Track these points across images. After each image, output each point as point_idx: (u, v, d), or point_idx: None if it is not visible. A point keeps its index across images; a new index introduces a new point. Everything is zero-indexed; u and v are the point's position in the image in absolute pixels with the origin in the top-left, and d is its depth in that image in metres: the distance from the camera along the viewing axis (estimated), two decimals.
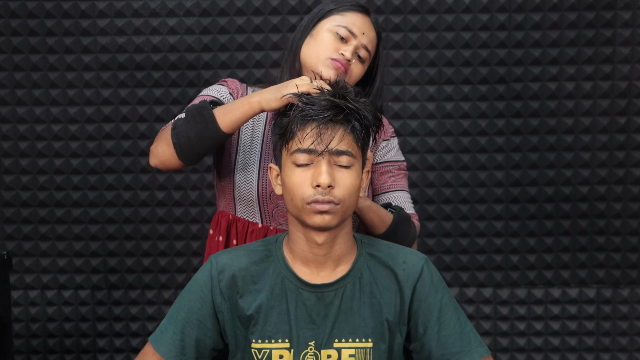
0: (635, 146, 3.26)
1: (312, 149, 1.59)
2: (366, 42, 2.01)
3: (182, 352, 1.69)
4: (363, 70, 2.05)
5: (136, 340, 3.38)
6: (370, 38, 2.03)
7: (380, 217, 1.94)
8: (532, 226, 3.31)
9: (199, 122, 1.82)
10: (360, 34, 2.00)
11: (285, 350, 1.67)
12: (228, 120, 1.81)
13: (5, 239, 3.33)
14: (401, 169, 2.13)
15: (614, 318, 3.34)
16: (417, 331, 1.70)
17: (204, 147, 1.85)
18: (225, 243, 2.05)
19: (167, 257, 3.34)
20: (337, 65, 1.96)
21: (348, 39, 1.99)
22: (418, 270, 1.70)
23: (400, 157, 2.15)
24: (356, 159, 1.64)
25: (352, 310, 1.67)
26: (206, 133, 1.82)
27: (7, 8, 3.22)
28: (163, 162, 1.92)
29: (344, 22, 2.00)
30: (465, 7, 3.22)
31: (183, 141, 1.84)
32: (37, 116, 3.28)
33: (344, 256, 1.71)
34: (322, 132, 1.59)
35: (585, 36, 3.22)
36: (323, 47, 1.99)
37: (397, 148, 2.15)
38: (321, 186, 1.58)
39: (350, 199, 1.63)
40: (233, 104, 1.82)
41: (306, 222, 1.62)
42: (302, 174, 1.61)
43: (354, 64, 2.00)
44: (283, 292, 1.68)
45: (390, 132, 2.14)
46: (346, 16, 2.01)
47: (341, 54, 1.97)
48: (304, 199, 1.60)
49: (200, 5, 3.23)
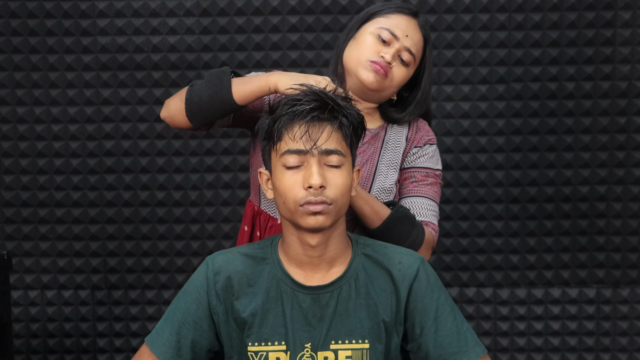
0: (635, 146, 3.26)
1: (301, 149, 1.60)
2: (410, 45, 1.97)
3: (178, 353, 1.69)
4: (407, 74, 2.01)
5: (136, 340, 3.38)
6: (415, 41, 1.99)
7: (373, 209, 1.91)
8: (532, 226, 3.31)
9: (215, 85, 1.86)
10: (404, 36, 1.96)
11: (282, 353, 1.67)
12: (242, 90, 1.84)
13: (5, 239, 3.34)
14: (429, 176, 2.07)
15: (614, 318, 3.34)
16: (413, 332, 1.70)
17: (212, 110, 1.88)
18: (250, 234, 2.06)
19: (167, 257, 3.35)
20: (376, 68, 1.94)
21: (390, 41, 1.96)
22: (414, 270, 1.70)
23: (433, 164, 2.09)
24: (346, 158, 1.64)
25: (348, 311, 1.67)
26: (218, 97, 1.85)
27: (7, 8, 3.22)
28: (172, 117, 1.95)
29: (387, 24, 1.97)
30: (465, 7, 3.22)
31: (195, 99, 1.88)
32: (37, 116, 3.28)
33: (339, 257, 1.71)
34: (310, 130, 1.60)
35: (585, 36, 3.21)
36: (364, 49, 1.97)
37: (430, 155, 2.08)
38: (313, 187, 1.58)
39: (343, 198, 1.63)
40: (252, 77, 1.86)
41: (300, 224, 1.62)
42: (293, 176, 1.61)
43: (396, 67, 1.97)
44: (279, 295, 1.68)
45: (425, 139, 2.09)
46: (390, 18, 1.98)
47: (381, 57, 1.94)
48: (297, 201, 1.60)
49: (200, 5, 3.23)
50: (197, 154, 3.29)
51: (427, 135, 2.09)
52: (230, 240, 3.32)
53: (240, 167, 3.29)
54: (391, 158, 2.04)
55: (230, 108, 1.87)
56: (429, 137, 2.10)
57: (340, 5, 3.21)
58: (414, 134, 2.07)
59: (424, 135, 2.09)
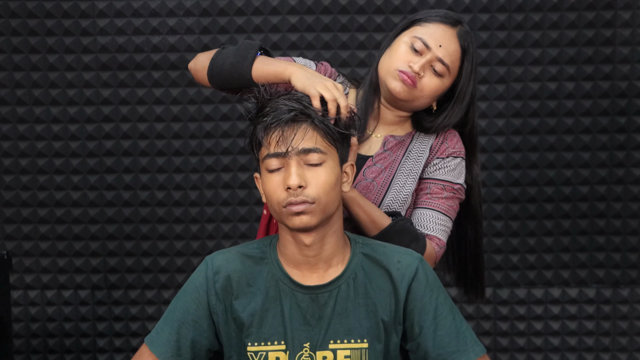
0: (635, 146, 3.25)
1: (279, 152, 1.61)
2: (443, 56, 1.92)
3: (178, 353, 1.69)
4: (441, 85, 1.95)
5: (136, 340, 3.38)
6: (450, 51, 1.93)
7: (370, 217, 1.88)
8: (532, 226, 3.31)
9: (240, 55, 1.88)
10: (437, 46, 1.91)
11: (281, 352, 1.67)
12: (261, 69, 1.86)
13: (5, 239, 3.34)
14: (446, 190, 2.00)
15: (613, 318, 3.34)
16: (412, 331, 1.70)
17: (229, 78, 1.91)
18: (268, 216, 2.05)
19: (167, 257, 3.35)
20: (403, 78, 1.90)
21: (422, 51, 1.91)
22: (413, 270, 1.70)
23: (453, 178, 2.02)
24: (327, 155, 1.64)
25: (347, 311, 1.67)
26: (238, 67, 1.88)
27: (7, 8, 3.22)
28: (196, 70, 1.99)
29: (422, 33, 1.93)
30: (465, 7, 3.22)
31: (218, 62, 1.91)
32: (37, 116, 3.28)
33: (336, 256, 1.70)
34: (285, 132, 1.61)
35: (585, 36, 3.21)
36: (395, 58, 1.94)
37: (452, 168, 2.02)
38: (291, 188, 1.59)
39: (327, 196, 1.62)
40: (275, 60, 1.88)
41: (287, 224, 1.63)
42: (275, 179, 1.63)
43: (428, 77, 1.92)
44: (277, 295, 1.68)
45: (450, 151, 2.02)
46: (427, 27, 1.94)
47: (410, 67, 1.90)
48: (280, 203, 1.61)
49: (200, 5, 3.23)
50: (197, 154, 3.29)
51: (452, 148, 2.03)
52: (230, 240, 3.32)
53: (240, 167, 3.29)
54: (411, 167, 2.01)
55: (246, 82, 1.89)
56: (454, 150, 2.03)
57: (340, 5, 3.21)
58: (439, 145, 2.03)
59: (449, 147, 2.03)
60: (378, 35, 3.20)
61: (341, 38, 3.23)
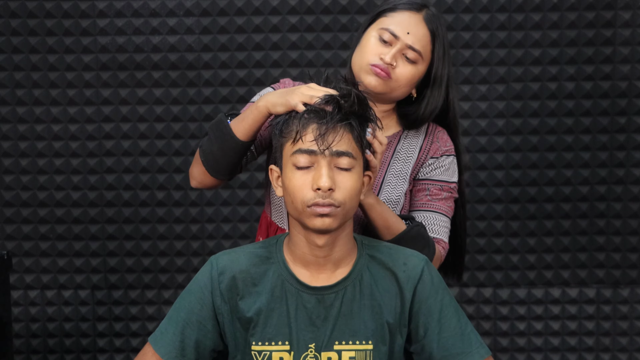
0: (635, 146, 3.26)
1: (313, 150, 1.59)
2: (412, 42, 1.90)
3: (182, 353, 1.69)
4: (416, 71, 1.93)
5: (136, 340, 3.38)
6: (419, 37, 1.91)
7: (386, 222, 1.86)
8: (532, 226, 3.31)
9: (218, 137, 1.86)
10: (405, 34, 1.89)
11: (286, 353, 1.67)
12: (242, 128, 1.84)
13: (5, 239, 3.33)
14: (444, 190, 2.00)
15: (614, 318, 3.34)
16: (417, 333, 1.70)
17: (229, 159, 1.89)
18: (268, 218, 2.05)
19: (167, 257, 3.34)
20: (376, 71, 1.89)
21: (391, 42, 1.90)
22: (418, 271, 1.70)
23: (449, 177, 2.01)
24: (357, 161, 1.64)
25: (353, 312, 1.67)
26: (227, 145, 1.86)
27: (7, 8, 3.22)
28: (200, 182, 1.97)
29: (388, 23, 1.91)
30: (465, 7, 3.22)
31: (209, 157, 1.89)
32: (37, 116, 3.28)
33: (344, 258, 1.71)
34: (323, 131, 1.59)
35: (585, 36, 3.22)
36: (365, 53, 1.92)
37: (446, 168, 2.01)
38: (322, 189, 1.58)
39: (351, 201, 1.63)
40: (245, 112, 1.85)
41: (306, 224, 1.62)
42: (303, 177, 1.61)
43: (401, 66, 1.90)
44: (283, 295, 1.68)
45: (443, 150, 2.02)
46: (393, 17, 1.92)
47: (381, 59, 1.89)
48: (305, 202, 1.60)
49: (200, 5, 3.23)
50: None
51: (444, 146, 2.02)
52: (230, 240, 3.32)
53: None
54: (401, 169, 2.00)
55: (243, 149, 1.87)
56: (447, 148, 2.03)
57: (340, 5, 3.21)
58: (429, 145, 2.02)
59: (442, 145, 2.02)
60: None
61: (341, 38, 3.23)
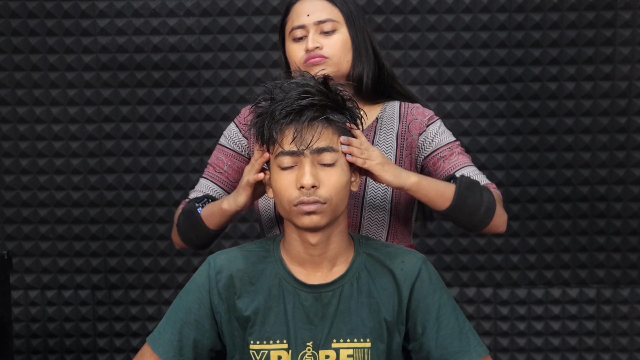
0: (635, 146, 3.26)
1: (294, 150, 1.60)
2: (317, 17, 1.92)
3: (180, 353, 1.69)
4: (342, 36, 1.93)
5: (136, 340, 3.38)
6: (319, 9, 1.93)
7: (438, 191, 1.79)
8: (532, 226, 3.31)
9: (192, 225, 1.93)
10: (306, 18, 1.92)
11: (284, 351, 1.67)
12: (212, 223, 1.91)
13: (5, 239, 3.34)
14: (453, 149, 1.96)
15: (614, 318, 3.34)
16: (415, 331, 1.70)
17: (206, 241, 1.97)
18: None
19: (167, 257, 3.35)
20: (312, 62, 1.91)
21: (303, 33, 1.93)
22: (416, 270, 1.70)
23: (447, 138, 1.98)
24: (340, 154, 1.64)
25: (350, 310, 1.67)
26: (201, 234, 1.93)
27: (7, 8, 3.22)
28: (182, 248, 2.05)
29: (291, 23, 1.95)
30: (465, 7, 3.22)
31: (186, 237, 1.97)
32: (37, 116, 3.28)
33: (340, 255, 1.70)
34: (301, 130, 1.60)
35: (585, 36, 3.22)
36: (294, 58, 1.95)
37: (441, 132, 1.98)
38: (305, 187, 1.58)
39: (338, 196, 1.62)
40: (213, 207, 1.90)
41: (296, 223, 1.63)
42: (287, 177, 1.62)
43: (326, 42, 1.92)
44: (280, 293, 1.68)
45: (425, 122, 1.98)
46: (291, 15, 1.96)
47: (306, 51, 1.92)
48: (291, 201, 1.61)
49: (200, 5, 3.23)
50: (197, 154, 3.29)
51: (424, 117, 2.00)
52: (231, 240, 3.32)
53: None
54: None
55: (216, 235, 1.95)
56: (427, 117, 2.00)
57: None
58: (407, 128, 1.99)
59: (421, 119, 1.99)
60: (379, 35, 3.20)
61: None
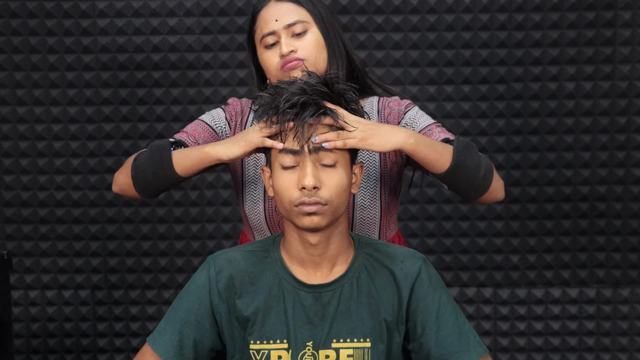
0: (635, 146, 3.26)
1: (296, 149, 1.59)
2: (286, 21, 1.88)
3: (180, 353, 1.69)
4: (313, 37, 1.90)
5: (136, 340, 3.38)
6: (286, 12, 1.89)
7: (436, 152, 1.73)
8: (532, 226, 3.31)
9: (156, 161, 1.82)
10: (274, 23, 1.89)
11: (284, 351, 1.67)
12: (183, 164, 1.81)
13: (5, 239, 3.34)
14: (432, 130, 1.89)
15: (614, 318, 3.34)
16: (415, 331, 1.69)
17: (158, 185, 1.86)
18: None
19: (167, 257, 3.35)
20: (290, 66, 1.87)
21: (274, 39, 1.89)
22: (416, 270, 1.70)
23: (426, 121, 1.92)
24: (341, 155, 1.63)
25: (350, 310, 1.67)
26: (161, 173, 1.83)
27: (7, 8, 3.22)
28: (123, 191, 1.92)
29: (260, 31, 1.91)
30: (465, 7, 3.22)
31: (140, 175, 1.85)
32: (37, 116, 3.28)
33: (340, 255, 1.70)
34: (302, 129, 1.58)
35: (586, 36, 3.22)
36: (269, 66, 1.92)
37: (417, 116, 1.93)
38: (306, 188, 1.58)
39: (339, 198, 1.62)
40: (192, 150, 1.81)
41: (296, 223, 1.62)
42: (289, 177, 1.61)
43: (299, 44, 1.88)
44: (281, 293, 1.68)
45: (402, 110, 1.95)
46: (258, 24, 1.92)
47: (281, 57, 1.88)
48: (292, 202, 1.60)
49: (201, 5, 3.23)
50: None
51: (400, 106, 1.97)
52: (231, 240, 3.32)
53: None
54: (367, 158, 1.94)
55: (175, 181, 1.85)
56: (404, 105, 1.97)
57: (340, 5, 3.21)
58: (386, 120, 1.95)
59: (398, 108, 1.96)
60: (378, 35, 3.20)
61: None
